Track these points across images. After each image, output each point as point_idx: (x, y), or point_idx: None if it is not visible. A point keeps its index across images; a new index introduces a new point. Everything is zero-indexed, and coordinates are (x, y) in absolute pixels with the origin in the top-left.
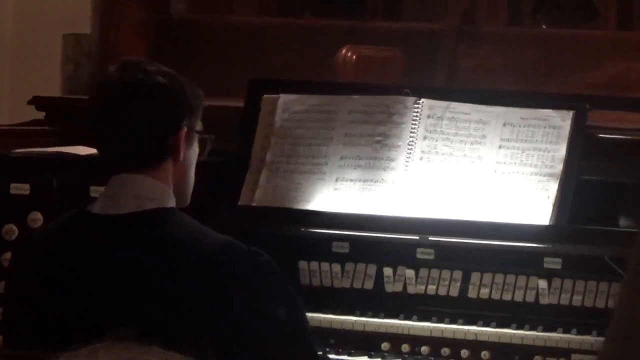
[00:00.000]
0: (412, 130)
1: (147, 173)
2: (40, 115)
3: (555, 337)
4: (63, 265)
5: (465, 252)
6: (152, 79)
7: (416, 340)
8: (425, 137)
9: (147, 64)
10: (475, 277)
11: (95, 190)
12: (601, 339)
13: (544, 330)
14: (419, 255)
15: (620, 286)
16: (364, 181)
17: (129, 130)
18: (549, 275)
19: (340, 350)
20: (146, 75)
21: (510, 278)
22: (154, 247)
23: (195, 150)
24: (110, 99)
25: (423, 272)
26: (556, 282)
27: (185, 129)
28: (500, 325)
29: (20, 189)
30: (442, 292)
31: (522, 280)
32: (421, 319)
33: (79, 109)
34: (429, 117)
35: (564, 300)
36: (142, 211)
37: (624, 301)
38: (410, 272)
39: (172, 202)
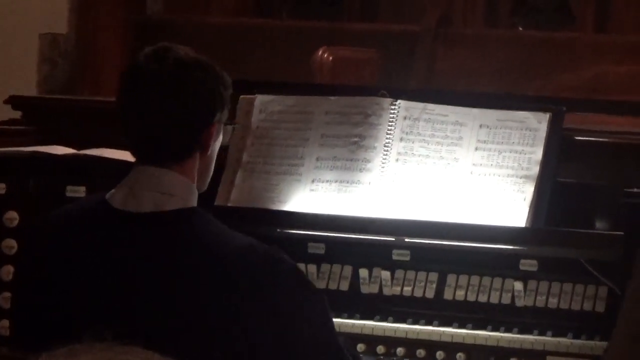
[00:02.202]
0: (389, 132)
1: (174, 168)
2: (17, 114)
3: (531, 339)
4: (76, 258)
5: (441, 254)
6: (192, 72)
7: (392, 342)
8: (401, 139)
9: (180, 51)
10: (451, 278)
11: (71, 190)
12: (577, 341)
13: (520, 332)
14: (394, 257)
15: (627, 290)
16: (340, 182)
17: (161, 123)
18: (524, 277)
19: None
20: (186, 67)
21: (486, 280)
22: (174, 250)
23: (220, 139)
24: (146, 89)
25: (399, 273)
26: (532, 284)
27: (216, 124)
28: (476, 327)
29: None
30: (418, 293)
31: (498, 282)
32: (397, 320)
33: (56, 108)
34: (405, 118)
35: (540, 302)
36: (164, 212)
37: (631, 305)
38: (386, 274)
39: (195, 199)
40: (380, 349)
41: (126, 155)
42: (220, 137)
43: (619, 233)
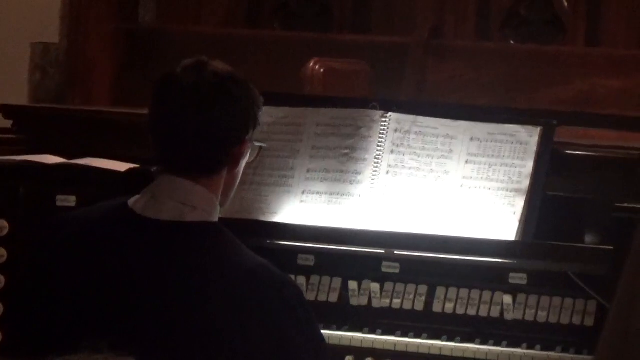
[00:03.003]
0: (379, 144)
1: (201, 181)
2: (8, 123)
3: (520, 352)
4: (86, 261)
5: (430, 267)
6: (230, 87)
7: (380, 354)
8: (392, 151)
9: (219, 67)
10: (440, 291)
11: (61, 199)
12: (566, 355)
13: (509, 346)
14: (384, 269)
15: (615, 297)
16: (331, 194)
17: (195, 136)
18: (514, 290)
19: None
20: (224, 81)
21: (475, 293)
22: (187, 261)
23: (247, 157)
24: (180, 100)
25: (388, 285)
26: (521, 297)
27: (248, 141)
28: (465, 340)
29: None
30: (407, 306)
31: (487, 295)
32: (385, 332)
33: (47, 117)
34: (396, 130)
35: (529, 315)
36: (184, 222)
37: (617, 311)
38: (375, 286)
39: (216, 214)
40: None
41: (116, 165)
42: (248, 155)
43: (609, 247)
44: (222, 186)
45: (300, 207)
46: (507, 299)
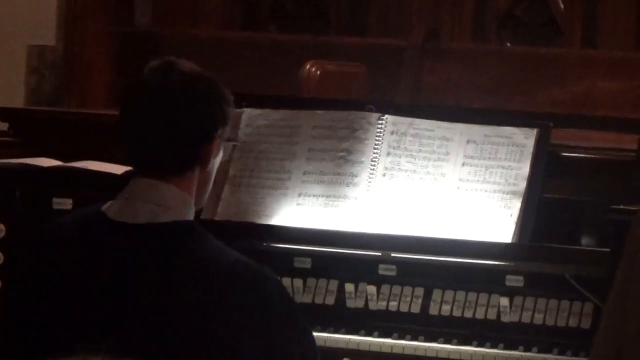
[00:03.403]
0: (376, 146)
1: (172, 181)
2: (4, 126)
3: (516, 355)
4: (69, 269)
5: (427, 269)
6: (196, 86)
7: (377, 357)
8: (388, 154)
9: (185, 66)
10: (437, 293)
11: (57, 202)
12: (562, 357)
13: (505, 348)
14: (381, 272)
15: (610, 295)
16: (327, 197)
17: (163, 136)
18: (510, 292)
19: None
20: (190, 81)
21: (472, 295)
22: (167, 262)
23: (220, 155)
24: (147, 101)
25: (385, 288)
26: (518, 299)
27: (218, 139)
28: (462, 342)
29: None
30: (404, 308)
31: (483, 297)
32: (382, 335)
33: (43, 120)
34: (392, 133)
35: (526, 318)
36: (158, 223)
37: (611, 313)
38: (372, 288)
39: (191, 213)
40: None
41: (112, 168)
42: (221, 154)
43: (605, 249)
44: (195, 185)
45: (297, 210)
46: (504, 301)
